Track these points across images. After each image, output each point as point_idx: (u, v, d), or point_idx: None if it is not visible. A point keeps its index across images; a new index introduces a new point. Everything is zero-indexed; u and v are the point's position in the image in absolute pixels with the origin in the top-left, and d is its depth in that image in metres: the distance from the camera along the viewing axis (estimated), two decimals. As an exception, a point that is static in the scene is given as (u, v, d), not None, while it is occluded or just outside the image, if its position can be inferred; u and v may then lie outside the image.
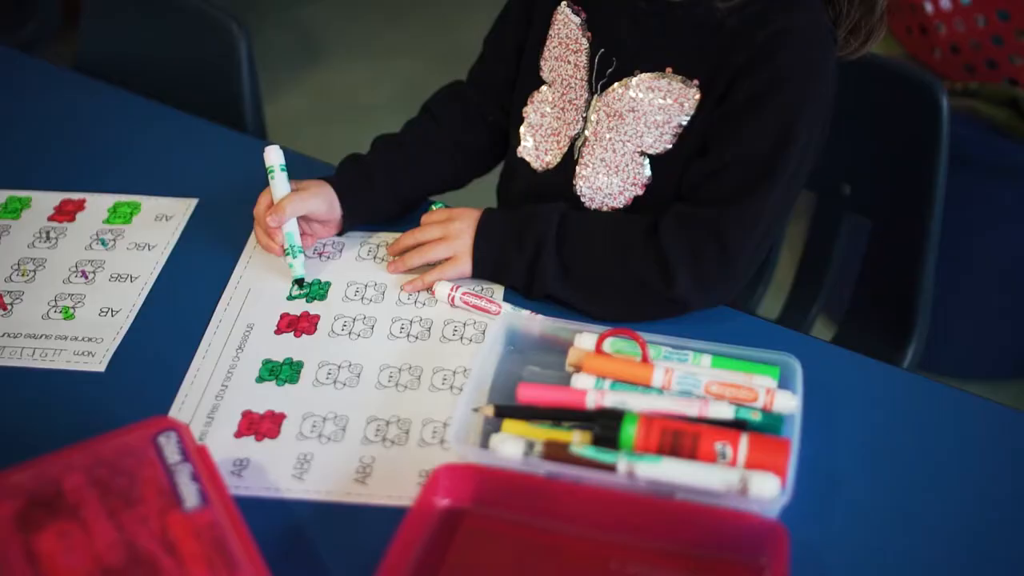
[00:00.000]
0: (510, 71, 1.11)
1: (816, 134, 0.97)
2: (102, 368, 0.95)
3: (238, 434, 0.88)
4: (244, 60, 1.33)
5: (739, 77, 0.94)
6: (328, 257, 1.07)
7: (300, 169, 1.07)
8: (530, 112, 1.08)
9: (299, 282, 1.02)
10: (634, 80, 0.99)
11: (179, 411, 0.90)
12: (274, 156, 1.04)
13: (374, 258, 1.07)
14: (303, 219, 1.04)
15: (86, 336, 0.98)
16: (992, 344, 1.58)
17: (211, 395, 0.91)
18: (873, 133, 1.24)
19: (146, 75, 1.37)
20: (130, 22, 1.41)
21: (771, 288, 1.36)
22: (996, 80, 1.53)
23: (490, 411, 0.87)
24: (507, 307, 0.98)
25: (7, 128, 1.27)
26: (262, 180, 1.05)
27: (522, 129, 1.09)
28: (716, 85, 0.96)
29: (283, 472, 0.85)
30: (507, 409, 0.87)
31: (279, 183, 1.03)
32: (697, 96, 0.97)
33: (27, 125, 1.27)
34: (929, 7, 1.56)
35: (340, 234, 1.08)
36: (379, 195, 1.07)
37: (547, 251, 0.98)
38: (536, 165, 1.08)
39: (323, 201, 1.04)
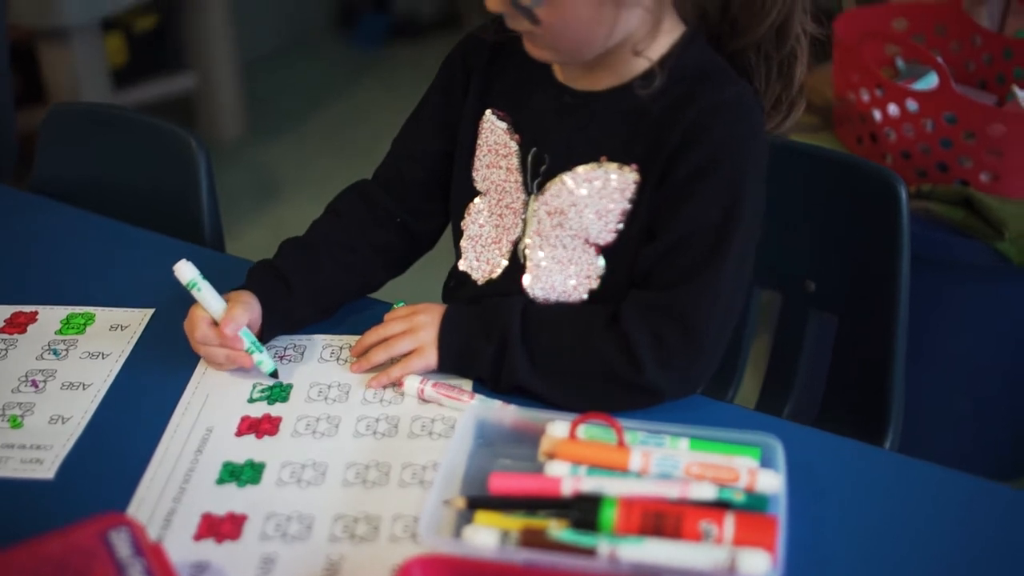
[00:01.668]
0: (421, 174, 1.10)
1: (759, 202, 0.97)
2: (51, 475, 0.90)
3: (197, 536, 0.83)
4: (203, 176, 1.32)
5: (675, 157, 0.94)
6: (290, 360, 1.04)
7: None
8: (468, 224, 1.07)
9: (274, 374, 1.00)
10: (569, 175, 0.99)
11: (134, 515, 0.85)
12: (189, 270, 0.99)
13: (337, 360, 1.04)
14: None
15: (34, 444, 0.93)
16: (965, 443, 1.56)
17: (168, 498, 0.87)
18: (835, 230, 1.25)
19: (104, 195, 1.36)
20: (86, 143, 1.40)
21: (741, 391, 1.34)
22: (948, 182, 1.55)
23: (462, 503, 0.83)
24: (478, 397, 0.95)
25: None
26: (220, 289, 1.02)
27: (462, 243, 1.08)
28: (654, 167, 0.96)
29: (246, 574, 0.80)
30: (479, 500, 0.84)
31: (208, 295, 0.99)
32: (636, 179, 0.97)
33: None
34: (878, 115, 1.60)
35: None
36: (297, 301, 1.04)
37: (513, 341, 0.95)
38: (477, 276, 1.07)
39: (258, 310, 1.01)
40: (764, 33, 0.96)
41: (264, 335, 1.03)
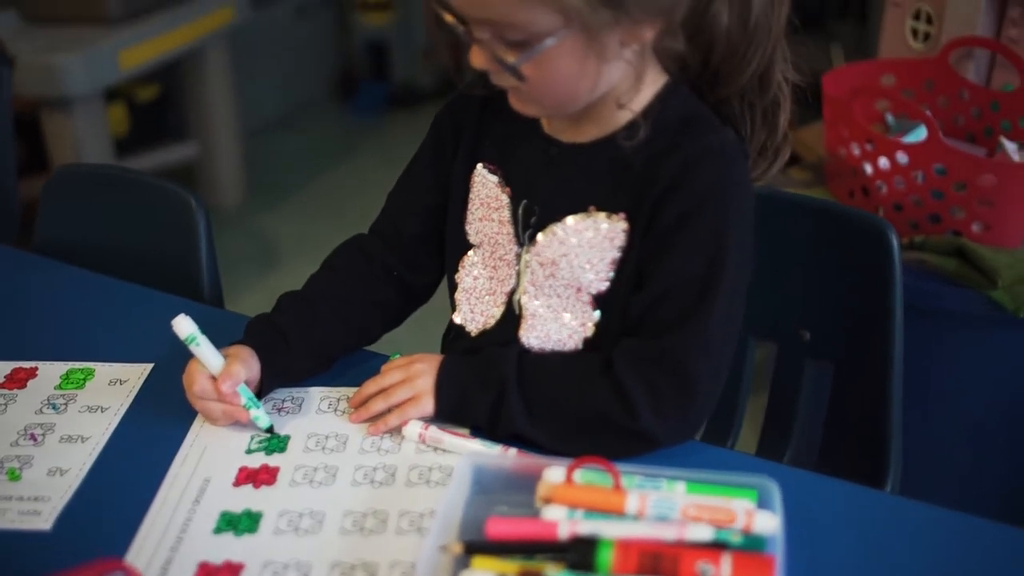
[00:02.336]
0: (415, 228, 1.11)
1: (747, 247, 0.98)
2: (48, 526, 0.90)
3: (194, 585, 0.83)
4: (202, 234, 1.33)
5: (660, 205, 0.95)
6: (287, 412, 1.04)
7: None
8: (463, 277, 1.08)
9: (270, 430, 1.00)
10: (559, 225, 1.00)
11: (132, 564, 0.85)
12: (188, 325, 1.00)
13: (334, 411, 1.04)
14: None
15: (32, 496, 0.93)
16: (966, 487, 1.55)
17: (165, 547, 0.87)
18: (828, 279, 1.26)
19: (104, 255, 1.37)
20: (88, 203, 1.42)
21: (739, 442, 1.34)
22: (941, 232, 1.57)
23: (459, 548, 0.83)
24: (478, 442, 0.96)
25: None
26: (217, 345, 1.03)
27: (457, 295, 1.09)
28: (640, 216, 0.97)
29: (242, 621, 0.80)
30: (476, 545, 0.84)
31: (206, 350, 1.00)
32: (625, 228, 0.98)
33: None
34: (869, 168, 1.62)
35: (257, 398, 1.04)
36: (295, 356, 1.05)
37: (510, 388, 0.96)
38: (471, 328, 1.08)
39: (256, 365, 1.02)
40: (746, 82, 0.98)
41: (262, 388, 1.04)
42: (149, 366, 1.12)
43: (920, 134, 1.63)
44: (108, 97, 2.80)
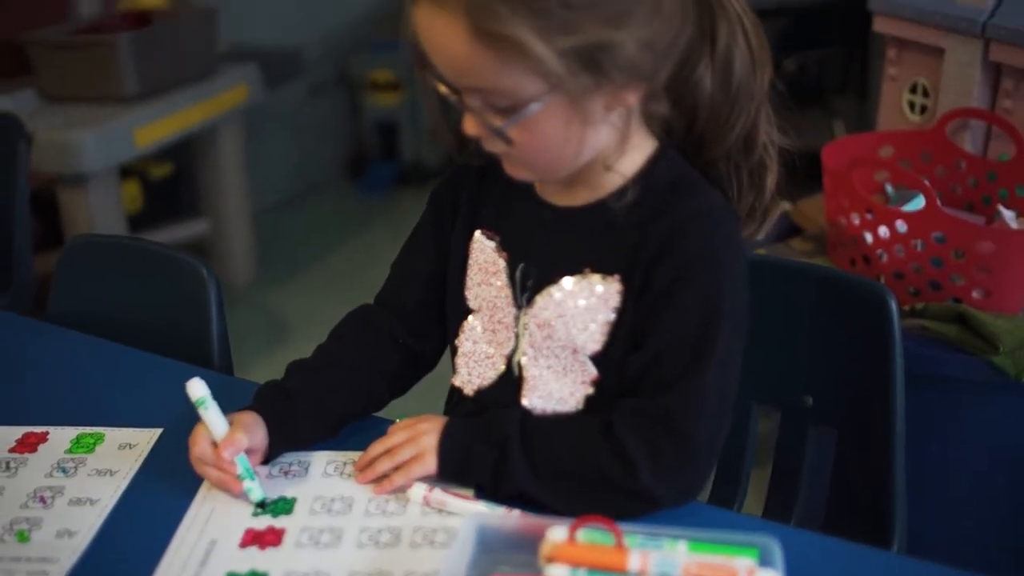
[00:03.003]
0: (419, 296, 1.14)
1: (741, 306, 1.00)
2: (57, 587, 0.91)
3: (199, 644, 0.84)
4: (213, 303, 1.36)
5: (653, 266, 0.98)
6: (294, 476, 1.06)
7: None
8: (463, 342, 1.10)
9: (261, 504, 1.01)
10: (555, 287, 1.03)
11: (137, 624, 0.86)
12: (200, 388, 1.02)
13: (340, 474, 1.05)
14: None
15: (40, 557, 0.94)
16: (972, 549, 1.55)
17: (171, 607, 0.88)
18: (829, 345, 1.27)
19: (116, 324, 1.39)
20: (101, 273, 1.44)
21: (744, 508, 1.34)
22: (941, 300, 1.59)
23: (463, 606, 0.84)
24: (482, 504, 0.97)
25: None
26: (225, 411, 1.04)
27: (457, 359, 1.11)
28: (634, 278, 0.99)
29: None
30: (481, 603, 0.84)
31: (213, 415, 1.02)
32: (620, 290, 1.00)
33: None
34: (869, 237, 1.64)
35: (264, 462, 1.06)
36: (303, 422, 1.07)
37: (512, 447, 0.97)
38: (470, 391, 1.09)
39: (262, 432, 1.04)
40: (732, 144, 1.02)
41: (270, 453, 1.06)
42: (158, 431, 1.13)
43: (919, 203, 1.66)
44: (123, 174, 2.85)
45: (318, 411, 1.08)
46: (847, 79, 3.60)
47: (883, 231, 1.63)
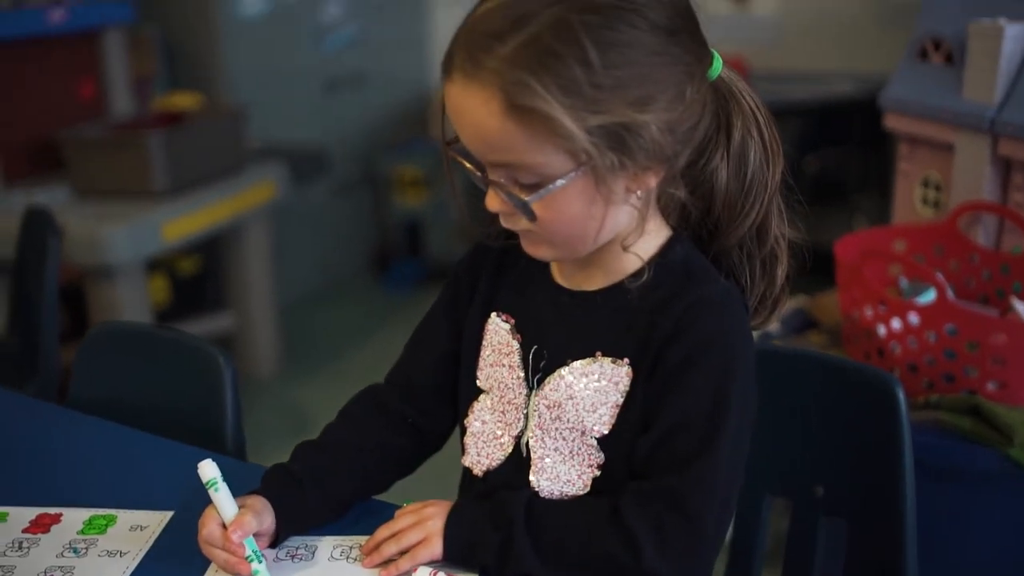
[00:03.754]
0: (431, 376, 1.15)
1: (749, 392, 1.01)
2: (61, 665, 0.91)
3: None
4: (228, 388, 1.38)
5: (663, 350, 0.99)
6: (300, 559, 1.06)
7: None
8: (472, 422, 1.12)
9: None
10: (567, 369, 1.04)
11: None
12: (211, 470, 1.03)
13: (346, 559, 1.06)
14: None
15: (48, 635, 0.95)
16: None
17: None
18: (838, 434, 1.28)
19: (134, 409, 1.42)
20: (119, 360, 1.47)
21: (756, 601, 1.33)
22: (956, 392, 1.58)
23: None
24: (486, 587, 0.97)
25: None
26: (237, 494, 1.06)
27: (466, 439, 1.13)
28: (644, 361, 1.01)
29: None
30: None
31: (224, 498, 1.03)
32: (629, 374, 1.02)
33: (12, 451, 1.31)
34: (882, 330, 1.65)
35: (272, 546, 1.06)
36: (310, 504, 1.08)
37: (518, 530, 0.98)
38: (479, 471, 1.10)
39: (270, 516, 1.05)
40: (745, 232, 1.04)
41: (278, 535, 1.06)
42: (169, 514, 1.15)
43: (932, 296, 1.66)
44: (150, 268, 2.91)
45: (325, 495, 1.09)
46: (868, 176, 3.64)
47: (896, 323, 1.63)
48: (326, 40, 3.96)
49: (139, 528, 1.12)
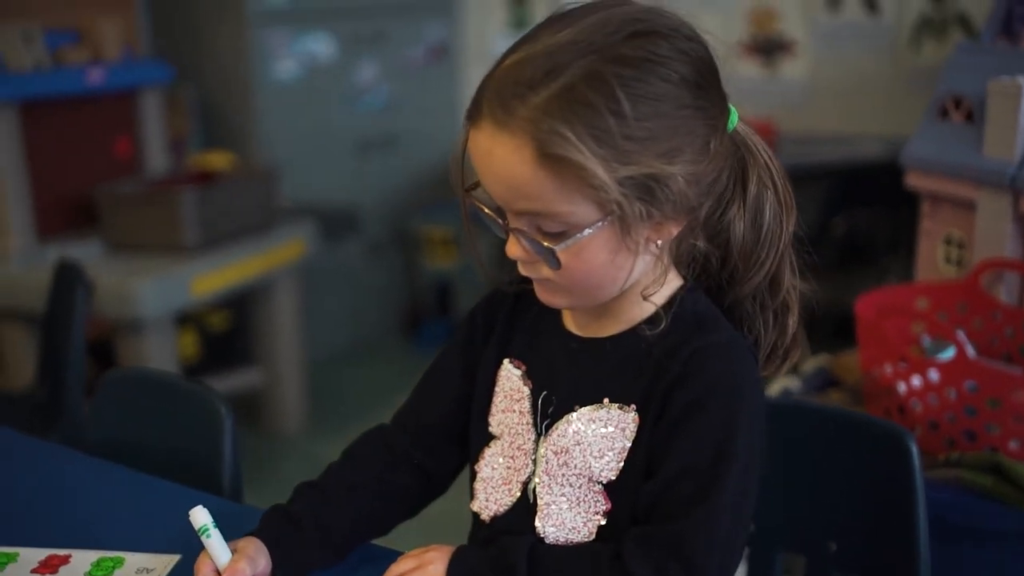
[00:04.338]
0: (438, 417, 1.16)
1: (756, 441, 1.00)
2: None
3: None
4: (228, 435, 1.40)
5: (669, 395, 0.99)
6: (304, 603, 1.06)
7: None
8: (483, 467, 1.12)
9: None
10: (575, 415, 1.05)
11: None
12: (203, 516, 1.04)
13: (349, 603, 1.06)
14: None
15: (48, 673, 0.95)
16: None
17: None
18: (852, 489, 1.27)
19: (143, 452, 1.44)
20: (128, 405, 1.51)
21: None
22: (977, 449, 1.56)
23: None
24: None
25: (4, 494, 1.32)
26: (237, 537, 1.06)
27: (476, 485, 1.13)
28: (651, 407, 1.01)
29: None
30: None
31: (217, 543, 1.04)
32: (635, 420, 1.02)
33: (24, 491, 1.33)
34: (902, 387, 1.63)
35: None
36: (308, 546, 1.08)
37: (520, 574, 0.97)
38: (486, 516, 1.10)
39: (265, 560, 1.06)
40: (760, 282, 1.05)
41: None
42: (177, 557, 1.15)
43: (952, 353, 1.65)
44: (181, 323, 2.94)
45: (324, 537, 1.09)
46: (898, 238, 3.62)
47: (916, 380, 1.61)
48: (359, 102, 4.02)
49: (146, 571, 1.12)
